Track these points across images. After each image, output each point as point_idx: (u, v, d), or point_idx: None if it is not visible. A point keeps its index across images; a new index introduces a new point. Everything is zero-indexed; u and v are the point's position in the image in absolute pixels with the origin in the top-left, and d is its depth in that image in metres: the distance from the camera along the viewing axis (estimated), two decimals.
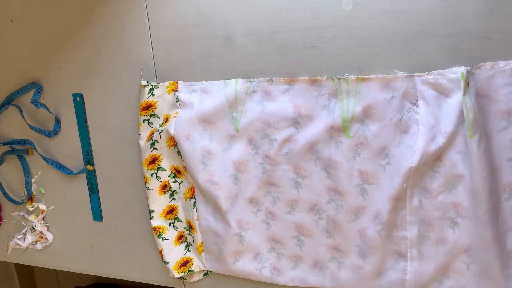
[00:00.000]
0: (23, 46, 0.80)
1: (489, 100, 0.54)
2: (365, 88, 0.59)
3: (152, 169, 0.73)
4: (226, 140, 0.68)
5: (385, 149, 0.60)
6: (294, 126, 0.64)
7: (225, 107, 0.66)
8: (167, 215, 0.76)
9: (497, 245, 0.55)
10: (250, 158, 0.67)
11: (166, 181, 0.74)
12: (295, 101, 0.63)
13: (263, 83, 0.64)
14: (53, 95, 0.80)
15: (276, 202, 0.68)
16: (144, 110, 0.71)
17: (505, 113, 0.53)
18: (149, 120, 0.71)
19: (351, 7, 0.58)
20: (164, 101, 0.70)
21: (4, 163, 0.88)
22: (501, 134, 0.54)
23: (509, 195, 0.55)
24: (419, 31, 0.56)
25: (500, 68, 0.53)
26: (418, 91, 0.57)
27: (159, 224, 0.76)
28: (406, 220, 0.60)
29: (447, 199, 0.58)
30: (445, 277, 0.60)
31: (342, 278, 0.66)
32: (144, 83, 0.70)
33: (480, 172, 0.54)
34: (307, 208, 0.66)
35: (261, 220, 0.70)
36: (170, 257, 0.75)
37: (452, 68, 0.55)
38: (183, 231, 0.76)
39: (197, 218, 0.72)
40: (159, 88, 0.70)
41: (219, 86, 0.66)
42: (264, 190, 0.68)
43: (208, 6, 0.65)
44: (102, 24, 0.72)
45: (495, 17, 0.52)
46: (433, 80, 0.56)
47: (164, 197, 0.75)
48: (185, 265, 0.75)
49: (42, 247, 0.89)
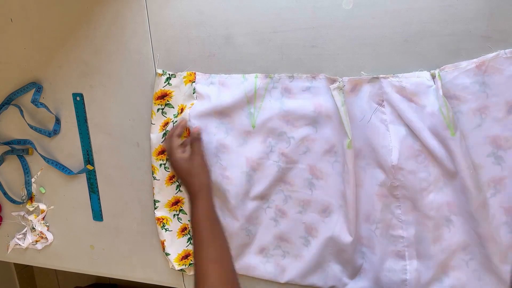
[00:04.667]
0: (23, 46, 0.80)
1: (459, 100, 0.55)
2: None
3: (161, 159, 0.72)
4: (241, 136, 0.67)
5: (361, 151, 0.61)
6: (312, 125, 0.63)
7: (244, 102, 0.65)
8: (172, 206, 0.75)
9: (492, 241, 0.56)
10: (265, 156, 0.66)
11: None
12: (315, 100, 0.62)
13: (284, 80, 0.63)
14: (53, 95, 0.80)
15: (288, 201, 0.68)
16: (159, 99, 0.69)
17: (476, 110, 0.55)
18: (163, 110, 0.70)
19: (352, 6, 0.58)
20: (180, 92, 0.69)
21: (4, 163, 0.88)
22: (476, 131, 0.55)
23: (494, 190, 0.56)
24: (419, 31, 0.56)
25: (463, 68, 0.54)
26: (383, 93, 0.58)
27: (163, 214, 0.75)
28: (401, 220, 0.60)
29: (438, 197, 0.59)
30: (445, 276, 0.60)
31: (344, 280, 0.66)
32: (160, 71, 0.69)
33: (467, 169, 0.54)
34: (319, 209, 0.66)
35: (270, 217, 0.69)
36: (172, 248, 0.75)
37: (416, 72, 0.56)
38: (187, 223, 0.76)
39: None
40: (176, 78, 0.69)
41: (238, 81, 0.65)
42: (276, 188, 0.68)
43: (208, 6, 0.65)
44: (102, 24, 0.72)
45: (496, 16, 0.52)
46: (397, 83, 0.57)
47: (171, 187, 0.74)
48: (187, 258, 0.75)
49: (42, 247, 0.89)
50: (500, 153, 0.55)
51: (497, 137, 0.55)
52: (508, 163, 0.55)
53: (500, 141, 0.55)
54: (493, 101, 0.54)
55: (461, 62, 0.54)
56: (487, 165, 0.56)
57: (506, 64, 0.52)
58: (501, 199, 0.56)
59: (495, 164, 0.56)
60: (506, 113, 0.54)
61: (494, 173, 0.56)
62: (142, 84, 0.72)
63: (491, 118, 0.54)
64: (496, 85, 0.53)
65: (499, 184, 0.56)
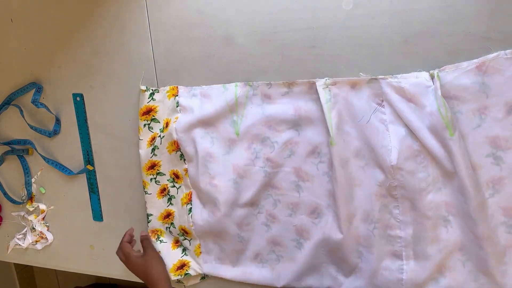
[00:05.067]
0: (23, 46, 0.80)
1: (458, 101, 0.55)
2: (336, 91, 0.60)
3: (151, 174, 0.73)
4: (227, 144, 0.68)
5: (361, 150, 0.61)
6: (294, 128, 0.64)
7: (226, 111, 0.66)
8: (165, 219, 0.76)
9: (490, 241, 0.56)
10: (250, 163, 0.67)
11: (165, 185, 0.74)
12: (295, 103, 0.63)
13: (262, 87, 0.64)
14: (53, 95, 0.80)
15: (277, 205, 0.68)
16: (144, 115, 0.70)
17: (476, 111, 0.55)
18: (150, 125, 0.71)
19: (351, 6, 0.58)
20: (164, 106, 0.70)
21: (4, 163, 0.88)
22: (475, 131, 0.55)
23: (493, 190, 0.56)
24: (419, 31, 0.56)
25: (464, 68, 0.54)
26: (383, 93, 0.58)
27: (157, 227, 0.76)
28: (399, 220, 0.60)
29: (437, 198, 0.58)
30: (441, 276, 0.60)
31: (340, 279, 0.66)
32: (144, 88, 0.70)
33: (466, 169, 0.54)
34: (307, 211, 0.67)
35: (262, 222, 0.70)
36: (168, 259, 0.75)
37: (414, 73, 0.56)
38: (178, 237, 0.76)
39: (192, 224, 0.72)
40: (160, 93, 0.70)
41: (219, 91, 0.66)
42: (265, 193, 0.68)
43: (208, 6, 0.65)
44: (102, 24, 0.72)
45: (496, 17, 0.52)
46: (396, 84, 0.57)
47: (163, 200, 0.75)
48: (182, 268, 0.75)
49: (42, 247, 0.89)
50: (499, 154, 0.55)
51: (496, 138, 0.55)
52: (507, 163, 0.55)
53: (500, 141, 0.55)
54: (493, 102, 0.54)
55: (462, 62, 0.54)
56: (486, 165, 0.56)
57: (506, 64, 0.52)
58: (500, 199, 0.56)
59: (494, 165, 0.56)
60: (506, 114, 0.54)
61: (493, 174, 0.56)
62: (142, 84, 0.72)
63: (490, 118, 0.54)
64: (496, 86, 0.53)
65: (498, 184, 0.56)
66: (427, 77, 0.55)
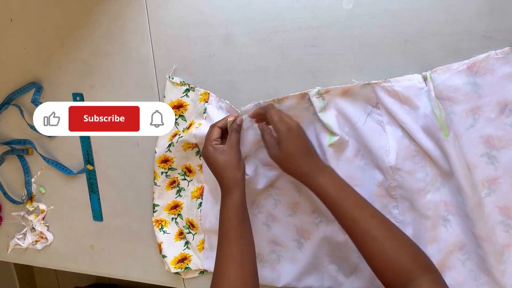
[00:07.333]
0: (23, 46, 0.80)
1: (451, 101, 0.55)
2: (329, 98, 0.60)
3: (163, 167, 0.73)
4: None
5: (360, 151, 0.61)
6: None
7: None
8: (171, 209, 0.76)
9: (488, 240, 0.56)
10: (253, 174, 0.67)
11: (175, 178, 0.74)
12: (290, 112, 0.62)
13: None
14: (53, 95, 0.80)
15: (277, 205, 0.68)
16: (174, 109, 0.70)
17: (469, 111, 0.55)
18: (176, 120, 0.71)
19: (352, 6, 0.58)
20: (195, 107, 0.69)
21: (4, 163, 0.88)
22: (469, 131, 0.55)
23: (488, 190, 0.56)
24: (420, 30, 0.56)
25: (455, 69, 0.54)
26: (377, 97, 0.58)
27: (162, 217, 0.76)
28: (399, 220, 0.61)
29: (435, 197, 0.59)
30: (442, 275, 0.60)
31: (340, 279, 0.66)
32: (178, 81, 0.69)
33: (462, 169, 0.54)
34: (308, 211, 0.66)
35: (262, 222, 0.70)
36: (169, 251, 0.75)
37: (407, 75, 0.56)
38: (183, 229, 0.76)
39: (200, 218, 0.72)
40: (194, 92, 0.69)
41: (234, 111, 0.65)
42: (265, 193, 0.69)
43: (208, 5, 0.65)
44: (102, 24, 0.72)
45: (496, 16, 0.52)
46: (389, 88, 0.56)
47: (171, 192, 0.75)
48: (183, 262, 0.75)
49: (42, 247, 0.89)
50: (493, 153, 0.55)
51: (490, 137, 0.55)
52: (502, 162, 0.55)
53: (493, 141, 0.55)
54: (485, 102, 0.54)
55: (452, 63, 0.54)
56: (481, 165, 0.56)
57: (497, 64, 0.52)
58: (496, 198, 0.56)
59: (489, 164, 0.56)
60: (499, 113, 0.54)
61: (488, 173, 0.56)
62: (142, 84, 0.72)
63: (483, 118, 0.54)
64: (488, 86, 0.53)
65: (493, 183, 0.56)
66: (419, 79, 0.55)
